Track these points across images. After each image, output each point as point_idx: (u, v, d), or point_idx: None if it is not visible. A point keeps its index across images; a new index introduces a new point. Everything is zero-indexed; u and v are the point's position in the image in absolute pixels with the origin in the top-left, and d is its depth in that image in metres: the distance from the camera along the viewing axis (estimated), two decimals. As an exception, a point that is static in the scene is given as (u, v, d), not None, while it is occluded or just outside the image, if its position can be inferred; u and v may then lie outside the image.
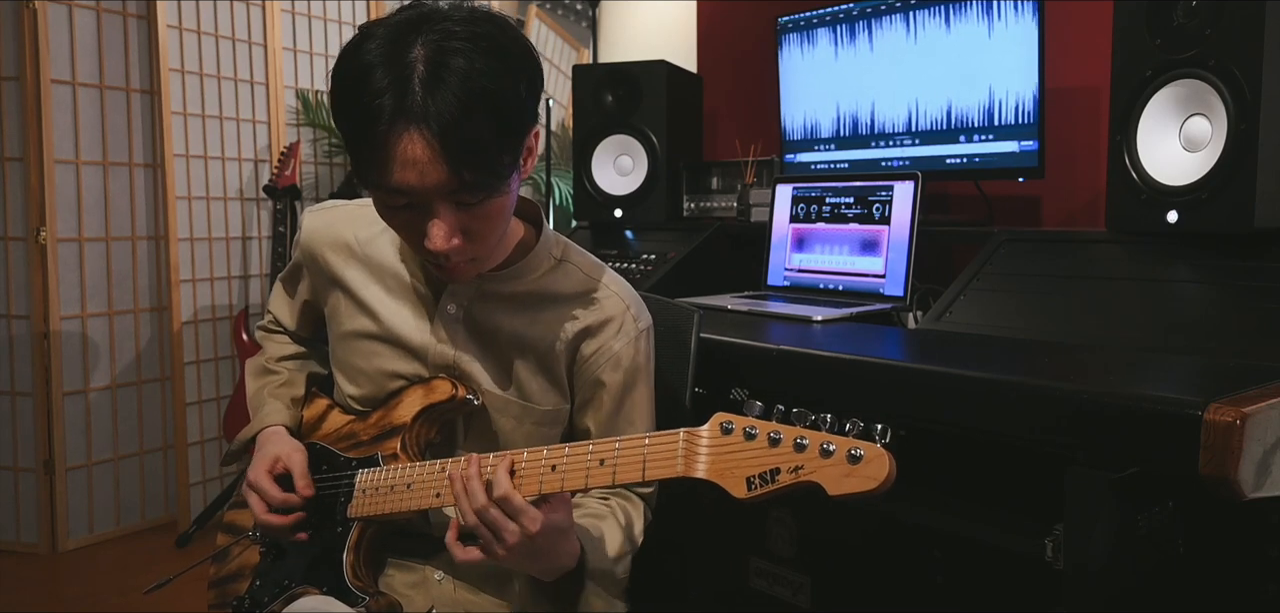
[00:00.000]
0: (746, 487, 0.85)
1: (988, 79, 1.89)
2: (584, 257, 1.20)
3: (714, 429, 0.89)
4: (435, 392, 1.13)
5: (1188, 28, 1.38)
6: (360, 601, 1.10)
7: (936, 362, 1.25)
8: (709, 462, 0.88)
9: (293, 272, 1.31)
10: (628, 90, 2.41)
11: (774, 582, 1.72)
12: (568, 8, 4.57)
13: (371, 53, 0.92)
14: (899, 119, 2.05)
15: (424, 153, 0.90)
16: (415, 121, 0.90)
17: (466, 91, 0.89)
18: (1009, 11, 1.83)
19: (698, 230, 2.29)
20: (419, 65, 0.90)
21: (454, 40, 0.91)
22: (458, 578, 1.17)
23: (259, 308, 3.32)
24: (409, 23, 0.93)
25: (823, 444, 0.83)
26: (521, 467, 0.98)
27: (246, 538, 1.25)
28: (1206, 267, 1.38)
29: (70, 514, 2.95)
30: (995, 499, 1.32)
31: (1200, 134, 1.39)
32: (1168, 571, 1.09)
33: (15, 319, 2.88)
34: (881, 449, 0.81)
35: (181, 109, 3.09)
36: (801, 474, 0.83)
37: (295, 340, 1.36)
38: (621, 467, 0.94)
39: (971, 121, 1.92)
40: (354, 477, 1.16)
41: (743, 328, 1.55)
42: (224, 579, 1.27)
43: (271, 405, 1.26)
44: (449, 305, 1.14)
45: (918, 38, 1.99)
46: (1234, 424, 0.89)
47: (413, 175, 0.92)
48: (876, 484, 0.80)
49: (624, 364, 1.15)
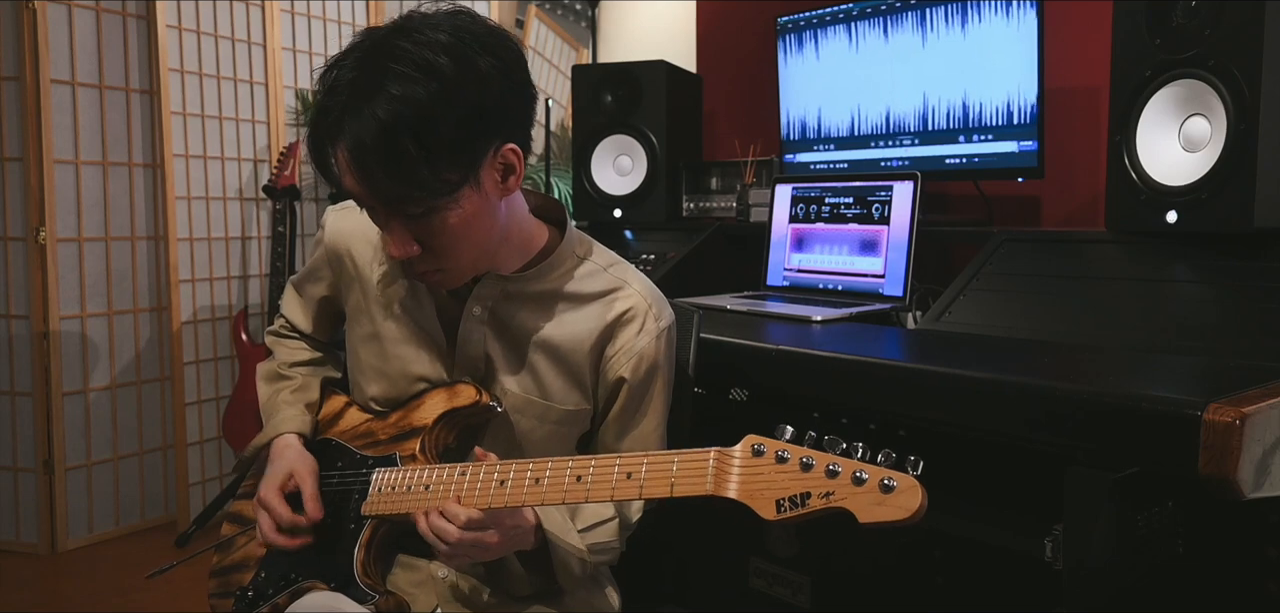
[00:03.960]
0: (776, 509, 0.86)
1: (987, 79, 1.89)
2: (607, 255, 1.22)
3: (746, 451, 0.89)
4: (459, 396, 1.14)
5: (1187, 28, 1.38)
6: (370, 599, 1.10)
7: (936, 362, 1.25)
8: (740, 483, 0.89)
9: (311, 271, 1.30)
10: (627, 90, 2.41)
11: (774, 582, 1.72)
12: (567, 8, 4.57)
13: (345, 62, 0.99)
14: (898, 119, 2.05)
15: (347, 165, 0.98)
16: (340, 136, 0.97)
17: (388, 113, 0.93)
18: (1009, 11, 1.83)
19: (697, 230, 2.29)
20: (361, 84, 0.95)
21: (402, 62, 0.95)
22: (462, 577, 1.18)
23: (258, 308, 3.32)
24: (383, 39, 0.98)
25: (856, 472, 0.83)
26: (547, 477, 0.99)
27: (251, 529, 1.25)
28: (1206, 267, 1.38)
29: (70, 514, 2.94)
30: (995, 499, 1.32)
31: (1200, 134, 1.39)
32: (1168, 571, 1.10)
33: (15, 319, 2.88)
34: (914, 481, 0.82)
35: (181, 109, 3.09)
36: (833, 500, 0.84)
37: (310, 343, 1.35)
38: (649, 483, 0.94)
39: (971, 121, 1.92)
40: (369, 475, 1.16)
41: (742, 328, 1.55)
42: (227, 569, 1.27)
43: (285, 412, 1.25)
44: (474, 307, 1.15)
45: (918, 37, 1.99)
46: (1234, 424, 0.89)
47: (349, 182, 1.00)
48: (908, 515, 0.81)
49: (645, 362, 1.16)
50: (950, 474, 1.37)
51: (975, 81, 1.91)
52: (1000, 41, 1.85)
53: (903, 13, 2.01)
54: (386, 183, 0.97)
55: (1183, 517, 1.09)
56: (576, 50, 4.58)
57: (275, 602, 1.16)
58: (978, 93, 1.91)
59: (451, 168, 0.98)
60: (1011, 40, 1.83)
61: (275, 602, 1.16)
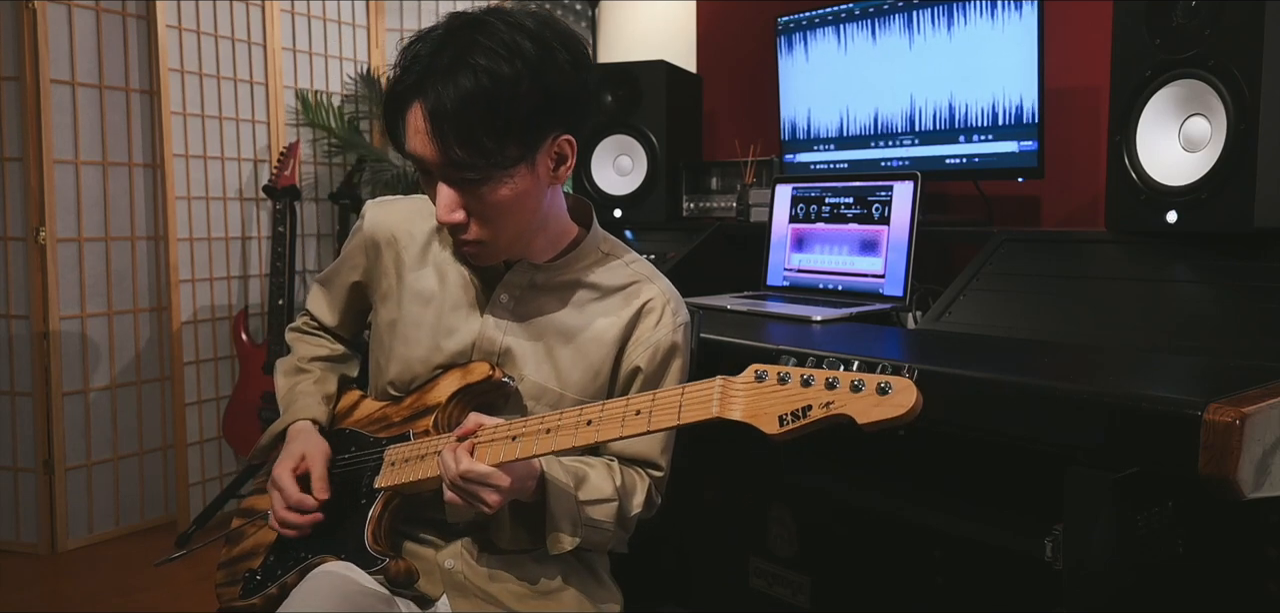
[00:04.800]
0: (779, 424, 0.90)
1: (987, 79, 1.89)
2: (628, 253, 1.27)
3: (748, 376, 0.93)
4: (472, 373, 1.17)
5: (1187, 28, 1.38)
6: (378, 563, 1.12)
7: (936, 362, 1.25)
8: (744, 404, 0.92)
9: (343, 260, 1.33)
10: (627, 90, 2.41)
11: (774, 582, 1.72)
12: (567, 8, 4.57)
13: (433, 33, 1.06)
14: (899, 119, 2.05)
15: (423, 125, 1.03)
16: (422, 97, 1.03)
17: (473, 83, 1.00)
18: (1009, 11, 1.83)
19: (697, 230, 2.29)
20: (448, 52, 1.02)
21: (489, 38, 1.02)
22: (468, 567, 1.19)
23: (259, 308, 3.32)
24: (473, 19, 1.05)
25: (853, 381, 0.87)
26: (559, 424, 1.04)
27: (261, 520, 1.26)
28: (1206, 267, 1.38)
29: (70, 514, 2.94)
30: (995, 499, 1.32)
31: (1200, 134, 1.39)
32: (1168, 571, 1.10)
33: (15, 319, 2.88)
34: (908, 381, 0.86)
35: (181, 109, 3.09)
36: (832, 408, 0.87)
37: (333, 338, 1.38)
38: (657, 413, 0.98)
39: (971, 122, 1.92)
40: (381, 453, 1.19)
41: (742, 328, 1.56)
42: (235, 559, 1.28)
43: (303, 401, 1.28)
44: (502, 295, 1.19)
45: (918, 37, 1.99)
46: (1234, 424, 0.89)
47: (417, 144, 1.05)
48: (904, 412, 0.85)
49: (661, 350, 1.20)
50: (950, 474, 1.37)
51: (975, 81, 1.91)
52: (1000, 41, 1.85)
53: (902, 13, 2.01)
54: (455, 146, 1.02)
55: (1183, 517, 1.09)
56: (576, 50, 4.57)
57: (284, 581, 1.17)
58: (978, 92, 1.91)
59: (515, 144, 1.04)
60: (1012, 40, 1.83)
61: (284, 581, 1.17)
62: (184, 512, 3.12)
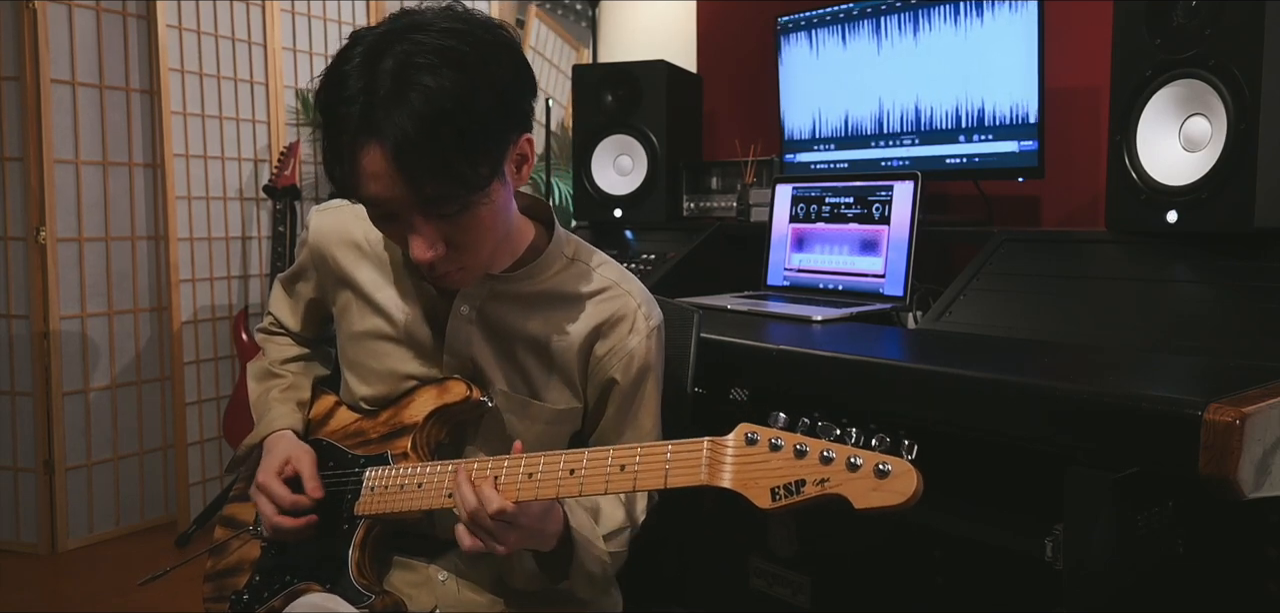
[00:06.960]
0: (771, 497, 0.85)
1: (988, 79, 1.89)
2: (596, 255, 1.21)
3: (739, 439, 0.89)
4: (449, 393, 1.13)
5: (1188, 28, 1.38)
6: (365, 599, 1.10)
7: (936, 362, 1.25)
8: (734, 472, 0.88)
9: (297, 271, 1.30)
10: (627, 90, 2.41)
11: (774, 582, 1.72)
12: (567, 8, 4.57)
13: (350, 62, 0.94)
14: (899, 119, 2.05)
15: (383, 167, 0.92)
16: (375, 136, 0.91)
17: (427, 108, 0.90)
18: (1009, 11, 1.83)
19: (697, 230, 2.29)
20: (386, 78, 0.91)
21: (423, 54, 0.91)
22: (461, 578, 1.17)
23: (259, 308, 3.32)
24: (389, 34, 0.94)
25: (849, 458, 0.83)
26: (541, 471, 0.98)
27: (247, 532, 1.25)
28: (1206, 267, 1.38)
29: (70, 514, 2.94)
30: (995, 499, 1.32)
31: (1200, 134, 1.39)
32: (1168, 571, 1.10)
33: (15, 319, 2.88)
34: (909, 465, 0.81)
35: (181, 109, 3.09)
36: (828, 487, 0.83)
37: (298, 341, 1.35)
38: (643, 474, 0.94)
39: (971, 121, 1.92)
40: (361, 474, 1.16)
41: (743, 328, 1.55)
42: (221, 573, 1.26)
43: (278, 409, 1.25)
44: (462, 306, 1.14)
45: (918, 37, 1.99)
46: (1234, 424, 0.89)
47: (377, 188, 0.94)
48: (903, 500, 0.80)
49: (636, 362, 1.15)
50: (950, 474, 1.37)
51: (975, 81, 1.90)
52: (1000, 41, 1.85)
53: (902, 13, 2.01)
54: (429, 180, 0.93)
55: (1183, 517, 1.09)
56: (576, 50, 4.58)
57: (270, 606, 1.15)
58: (977, 92, 1.91)
59: (485, 159, 0.96)
60: (1012, 40, 1.83)
61: (270, 606, 1.15)
62: (184, 512, 3.12)
